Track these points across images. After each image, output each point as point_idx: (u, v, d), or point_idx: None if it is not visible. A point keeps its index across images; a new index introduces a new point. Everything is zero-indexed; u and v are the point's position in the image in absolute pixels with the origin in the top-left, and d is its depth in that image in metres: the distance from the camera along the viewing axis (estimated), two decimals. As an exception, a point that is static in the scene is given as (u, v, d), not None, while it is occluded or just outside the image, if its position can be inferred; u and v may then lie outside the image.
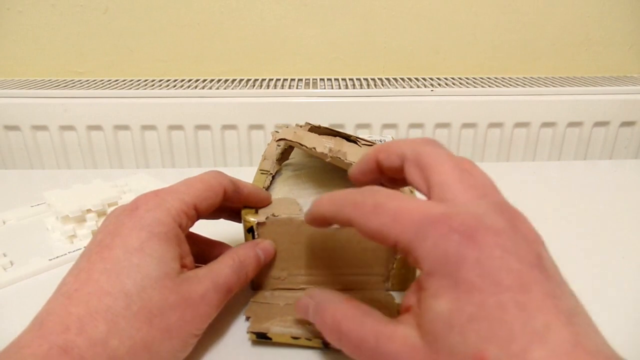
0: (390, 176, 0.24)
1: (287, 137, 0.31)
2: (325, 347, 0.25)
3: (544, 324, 0.15)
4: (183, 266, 0.24)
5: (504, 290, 0.16)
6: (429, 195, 0.20)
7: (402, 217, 0.18)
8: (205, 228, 0.30)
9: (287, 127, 0.36)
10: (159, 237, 0.23)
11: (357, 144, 0.35)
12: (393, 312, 0.27)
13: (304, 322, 0.26)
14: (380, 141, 0.42)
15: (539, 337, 0.15)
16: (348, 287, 0.29)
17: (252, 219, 0.28)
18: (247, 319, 0.27)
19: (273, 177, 0.34)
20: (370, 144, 0.36)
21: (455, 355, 0.16)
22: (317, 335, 0.25)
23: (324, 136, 0.35)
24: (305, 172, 0.35)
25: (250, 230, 0.28)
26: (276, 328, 0.25)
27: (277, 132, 0.32)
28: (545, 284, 0.17)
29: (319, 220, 0.23)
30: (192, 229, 0.28)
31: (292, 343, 0.25)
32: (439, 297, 0.17)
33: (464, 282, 0.16)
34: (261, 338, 0.25)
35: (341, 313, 0.20)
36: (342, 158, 0.28)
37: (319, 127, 0.37)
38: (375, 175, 0.24)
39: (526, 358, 0.15)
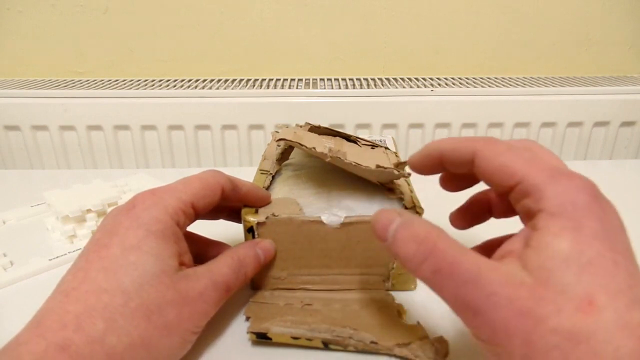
0: (453, 172, 0.23)
1: (287, 137, 0.31)
2: (325, 346, 0.25)
3: (636, 284, 0.16)
4: (181, 264, 0.24)
5: (619, 252, 0.17)
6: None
7: (536, 163, 0.19)
8: (204, 228, 0.30)
9: (287, 127, 0.36)
10: (156, 234, 0.23)
11: (357, 144, 0.35)
12: (393, 312, 0.27)
13: (304, 322, 0.26)
14: (381, 141, 0.42)
15: (636, 302, 0.16)
16: (348, 287, 0.29)
17: (252, 218, 0.28)
18: (247, 319, 0.27)
19: (273, 177, 0.34)
20: (371, 144, 0.36)
21: (567, 292, 0.16)
22: (317, 335, 0.25)
23: (324, 136, 0.35)
24: (305, 172, 0.35)
25: (250, 230, 0.28)
26: (276, 328, 0.25)
27: (277, 132, 0.32)
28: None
29: (432, 156, 0.23)
30: (191, 229, 0.28)
31: (292, 343, 0.25)
32: (561, 236, 0.17)
33: (588, 229, 0.17)
34: (261, 338, 0.25)
35: (437, 233, 0.19)
36: (342, 158, 0.28)
37: (319, 127, 0.37)
38: (436, 168, 0.24)
39: (629, 315, 0.16)
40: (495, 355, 0.18)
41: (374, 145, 0.36)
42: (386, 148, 0.36)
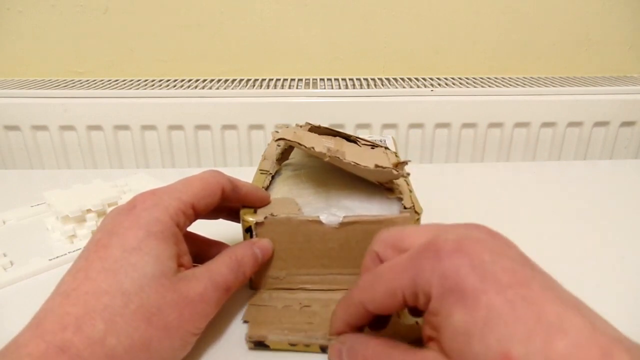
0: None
1: (286, 137, 0.31)
2: (323, 351, 0.25)
3: (556, 315, 0.16)
4: (180, 265, 0.24)
5: (506, 288, 0.16)
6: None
7: (396, 268, 0.20)
8: (204, 228, 0.30)
9: (287, 127, 0.36)
10: (156, 235, 0.23)
11: (357, 144, 0.35)
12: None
13: (301, 330, 0.26)
14: (381, 141, 0.42)
15: (557, 329, 0.15)
16: (347, 287, 0.29)
17: (251, 218, 0.28)
18: (245, 323, 0.27)
19: (273, 177, 0.34)
20: (370, 144, 0.36)
21: None
22: (315, 341, 0.25)
23: (324, 136, 0.35)
24: (304, 172, 0.35)
25: (248, 230, 0.28)
26: (274, 336, 0.25)
27: (277, 132, 0.32)
28: (540, 279, 0.17)
29: (342, 328, 0.24)
30: (191, 229, 0.28)
31: (290, 349, 0.25)
32: (452, 314, 0.17)
33: (467, 290, 0.17)
34: (259, 346, 0.25)
35: (371, 351, 0.21)
36: (340, 157, 0.28)
37: (319, 127, 0.37)
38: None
39: (551, 351, 0.15)
40: None
41: (373, 145, 0.36)
42: (386, 148, 0.36)
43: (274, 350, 0.25)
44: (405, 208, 0.28)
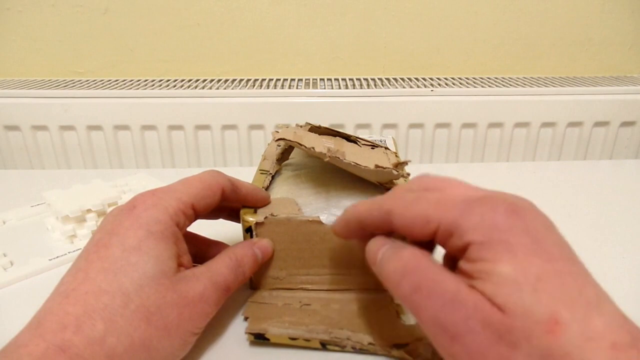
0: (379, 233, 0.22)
1: (286, 137, 0.31)
2: (323, 347, 0.25)
3: (595, 295, 0.16)
4: (180, 265, 0.24)
5: (556, 259, 0.17)
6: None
7: (445, 202, 0.19)
8: (204, 228, 0.30)
9: (287, 127, 0.36)
10: (155, 235, 0.23)
11: (357, 144, 0.35)
12: (391, 312, 0.27)
13: (302, 323, 0.26)
14: (381, 141, 0.42)
15: (595, 307, 0.16)
16: (347, 287, 0.29)
17: (251, 218, 0.28)
18: (246, 319, 0.27)
19: (273, 177, 0.34)
20: (371, 144, 0.36)
21: (531, 316, 0.16)
22: (315, 336, 0.25)
23: (324, 136, 0.35)
24: (304, 172, 0.35)
25: (248, 230, 0.28)
26: (274, 329, 0.25)
27: (277, 132, 0.32)
28: (580, 262, 0.18)
29: (352, 224, 0.23)
30: (191, 229, 0.28)
31: (290, 344, 0.25)
32: (500, 262, 0.17)
33: (520, 247, 0.17)
34: (259, 339, 0.25)
35: (421, 255, 0.19)
36: (340, 158, 0.28)
37: (319, 127, 0.37)
38: (361, 232, 0.23)
39: (590, 324, 0.16)
40: None
41: (374, 146, 0.36)
42: (386, 148, 0.36)
43: (274, 344, 0.25)
44: None
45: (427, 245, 0.21)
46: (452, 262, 0.20)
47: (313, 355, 0.25)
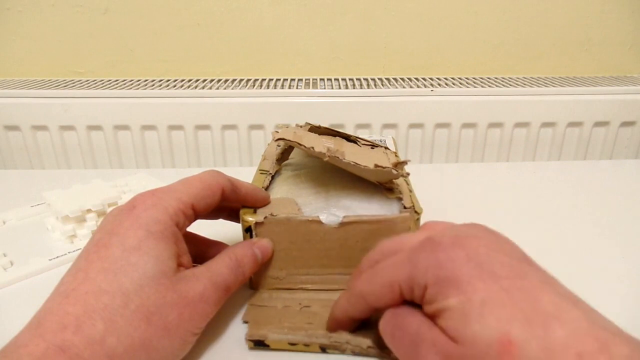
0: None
1: (286, 137, 0.31)
2: (322, 351, 0.25)
3: (552, 305, 0.16)
4: (180, 265, 0.24)
5: (502, 278, 0.17)
6: None
7: (397, 262, 0.20)
8: (204, 228, 0.30)
9: (287, 127, 0.36)
10: (155, 235, 0.23)
11: (357, 143, 0.35)
12: None
13: (301, 328, 0.26)
14: (381, 141, 0.42)
15: (554, 318, 0.16)
16: (346, 287, 0.29)
17: (251, 218, 0.28)
18: (245, 323, 0.27)
19: (273, 177, 0.34)
20: (370, 144, 0.36)
21: (479, 342, 0.16)
22: (315, 340, 0.25)
23: (324, 136, 0.35)
24: (304, 172, 0.35)
25: (248, 230, 0.28)
26: (273, 335, 0.25)
27: (277, 132, 0.32)
28: (538, 274, 0.18)
29: (344, 320, 0.24)
30: (191, 229, 0.28)
31: (290, 349, 0.25)
32: (447, 297, 0.17)
33: (463, 277, 0.17)
34: (259, 345, 0.25)
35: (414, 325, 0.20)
36: (340, 157, 0.28)
37: (319, 127, 0.37)
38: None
39: (550, 337, 0.15)
40: None
41: (373, 145, 0.36)
42: (386, 148, 0.36)
43: (274, 349, 0.25)
44: (405, 208, 0.28)
45: None
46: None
47: (313, 358, 0.25)
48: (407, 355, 0.19)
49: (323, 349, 0.25)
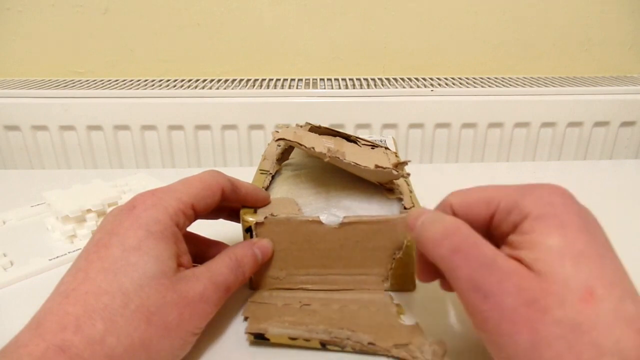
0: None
1: (286, 137, 0.31)
2: (323, 347, 0.25)
3: (630, 285, 0.18)
4: (180, 265, 0.24)
5: (601, 245, 0.19)
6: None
7: (505, 187, 0.22)
8: (204, 228, 0.30)
9: (287, 127, 0.36)
10: (155, 235, 0.23)
11: (357, 144, 0.35)
12: (392, 312, 0.27)
13: (301, 323, 0.26)
14: (381, 141, 0.43)
15: (630, 294, 0.17)
16: (347, 287, 0.29)
17: (251, 218, 0.28)
18: (245, 319, 0.27)
19: (273, 177, 0.34)
20: (371, 144, 0.36)
21: (568, 284, 0.17)
22: (315, 335, 0.25)
23: (324, 136, 0.35)
24: (304, 172, 0.35)
25: (248, 230, 0.28)
26: (274, 329, 0.25)
27: (277, 132, 0.32)
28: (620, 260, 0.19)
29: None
30: (191, 229, 0.28)
31: (290, 344, 0.25)
32: (550, 234, 0.18)
33: (571, 224, 0.19)
34: (259, 339, 0.25)
35: (462, 222, 0.21)
36: (340, 158, 0.28)
37: (319, 127, 0.37)
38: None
39: (623, 306, 0.17)
40: (498, 346, 0.18)
41: (374, 146, 0.36)
42: (386, 148, 0.36)
43: (274, 344, 0.25)
44: (405, 208, 0.28)
45: None
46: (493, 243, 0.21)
47: (313, 356, 0.25)
48: (472, 278, 0.19)
49: (323, 345, 0.25)
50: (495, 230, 0.21)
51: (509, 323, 0.18)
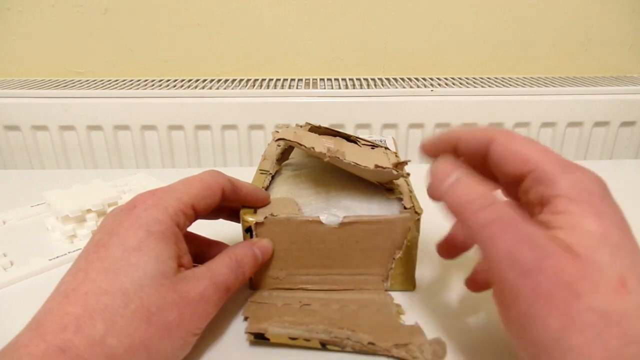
0: (465, 160, 0.24)
1: (286, 137, 0.31)
2: (323, 347, 0.25)
3: None
4: (180, 265, 0.24)
5: (631, 239, 0.19)
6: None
7: (550, 154, 0.20)
8: (204, 228, 0.30)
9: (287, 127, 0.36)
10: (156, 235, 0.23)
11: (357, 144, 0.35)
12: (391, 312, 0.27)
13: (301, 323, 0.26)
14: (381, 141, 0.43)
15: None
16: (347, 287, 0.29)
17: (251, 218, 0.28)
18: (245, 319, 0.27)
19: (273, 177, 0.34)
20: (371, 144, 0.36)
21: (604, 271, 0.17)
22: (315, 335, 0.25)
23: (324, 136, 0.35)
24: (304, 172, 0.35)
25: (248, 230, 0.28)
26: (274, 329, 0.25)
27: (277, 132, 0.32)
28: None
29: (446, 140, 0.24)
30: (191, 229, 0.28)
31: (290, 344, 0.25)
32: (587, 218, 0.18)
33: (607, 216, 0.19)
34: (259, 339, 0.25)
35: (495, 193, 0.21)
36: (340, 158, 0.28)
37: (319, 127, 0.37)
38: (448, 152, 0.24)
39: None
40: (523, 328, 0.18)
41: (374, 146, 0.36)
42: (386, 148, 0.36)
43: (274, 344, 0.25)
44: (405, 208, 0.28)
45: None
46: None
47: (313, 356, 0.25)
48: (511, 251, 0.18)
49: (323, 345, 0.25)
50: (522, 193, 0.21)
51: (544, 304, 0.17)
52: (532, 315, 0.18)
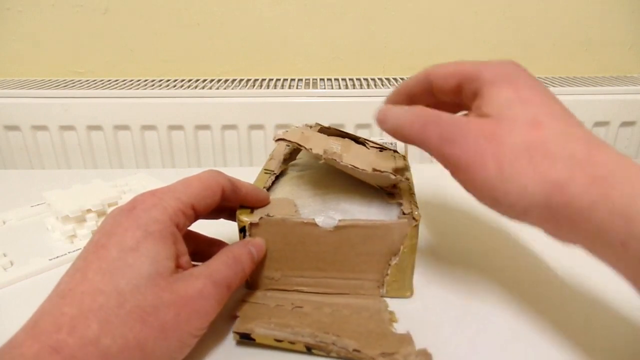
0: (441, 99, 0.28)
1: (286, 137, 0.31)
2: (308, 351, 0.25)
3: (576, 118, 0.22)
4: (179, 266, 0.24)
5: (550, 96, 0.23)
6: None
7: (471, 61, 0.25)
8: (204, 228, 0.30)
9: (297, 128, 0.36)
10: (154, 235, 0.23)
11: (365, 145, 0.35)
12: (384, 319, 0.27)
13: (288, 325, 0.26)
14: (391, 144, 0.42)
15: (577, 125, 0.22)
16: (342, 291, 0.29)
17: (245, 218, 0.28)
18: (236, 317, 0.27)
19: (278, 177, 0.34)
20: (379, 146, 0.36)
21: (517, 119, 0.22)
22: (301, 339, 0.25)
23: (333, 137, 0.35)
24: (308, 173, 0.35)
25: (242, 230, 0.28)
26: (260, 329, 0.25)
27: (286, 131, 0.32)
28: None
29: (401, 93, 0.29)
30: (191, 228, 0.27)
31: (275, 345, 0.25)
32: (502, 89, 0.23)
33: (519, 82, 0.23)
34: (244, 339, 0.25)
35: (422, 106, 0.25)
36: (337, 159, 0.28)
37: (329, 128, 0.36)
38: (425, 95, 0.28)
39: (569, 128, 0.21)
40: (472, 182, 0.22)
41: (382, 148, 0.35)
42: (395, 151, 0.36)
43: (260, 345, 0.25)
44: (404, 214, 0.28)
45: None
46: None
47: (298, 357, 0.25)
48: (440, 134, 0.23)
49: (308, 349, 0.25)
50: (465, 100, 0.25)
51: (476, 157, 0.22)
52: (473, 171, 0.22)
